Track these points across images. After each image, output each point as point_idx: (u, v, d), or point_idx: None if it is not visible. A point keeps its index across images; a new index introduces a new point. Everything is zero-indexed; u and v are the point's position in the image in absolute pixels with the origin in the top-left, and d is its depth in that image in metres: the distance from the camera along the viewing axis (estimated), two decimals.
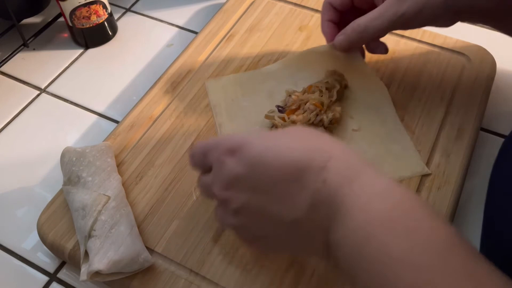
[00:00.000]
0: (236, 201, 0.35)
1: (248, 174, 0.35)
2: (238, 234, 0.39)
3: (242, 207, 0.36)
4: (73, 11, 0.63)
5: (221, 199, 0.37)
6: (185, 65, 0.60)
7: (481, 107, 0.54)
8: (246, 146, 0.35)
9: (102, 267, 0.40)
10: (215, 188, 0.37)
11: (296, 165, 0.33)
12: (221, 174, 0.36)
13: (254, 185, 0.35)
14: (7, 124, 0.60)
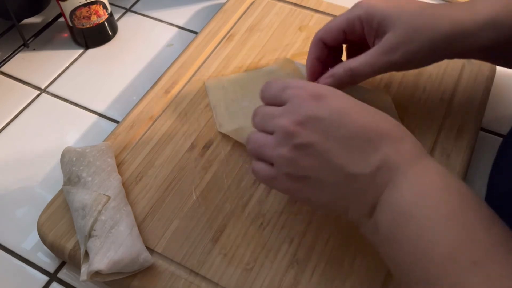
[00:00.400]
0: (305, 137, 0.36)
1: (328, 118, 0.36)
2: (281, 170, 0.38)
3: (307, 144, 0.36)
4: (73, 11, 0.63)
5: (286, 130, 0.37)
6: (185, 65, 0.60)
7: (481, 107, 0.54)
8: (333, 96, 0.38)
9: (102, 267, 0.40)
10: (284, 120, 0.37)
11: (377, 129, 0.36)
12: (298, 110, 0.37)
13: (329, 130, 0.36)
14: (7, 124, 0.60)
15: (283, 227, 0.46)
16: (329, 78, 0.46)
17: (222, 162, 0.51)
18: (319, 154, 0.36)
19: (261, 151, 0.40)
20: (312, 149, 0.36)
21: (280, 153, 0.38)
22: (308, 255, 0.44)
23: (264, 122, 0.40)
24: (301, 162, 0.37)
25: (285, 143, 0.37)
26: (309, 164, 0.37)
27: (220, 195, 0.48)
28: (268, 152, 0.39)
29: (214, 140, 0.53)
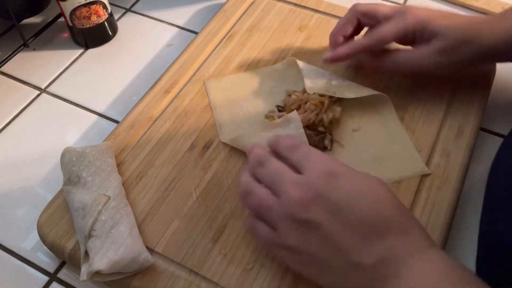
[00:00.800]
0: (313, 215, 0.36)
1: (339, 201, 0.36)
2: (285, 241, 0.37)
3: (315, 223, 0.35)
4: (73, 11, 0.63)
5: (296, 203, 0.36)
6: (185, 65, 0.60)
7: (481, 107, 0.54)
8: (348, 177, 0.37)
9: (102, 267, 0.40)
10: (296, 191, 0.36)
11: (385, 219, 0.35)
12: (312, 185, 0.36)
13: (338, 214, 0.35)
14: (7, 124, 0.60)
15: None
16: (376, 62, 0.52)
17: (222, 162, 0.51)
18: (325, 235, 0.35)
19: (264, 212, 0.39)
20: (318, 229, 0.36)
21: (286, 224, 0.37)
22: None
23: (273, 181, 0.39)
24: (306, 238, 0.36)
25: (293, 215, 0.36)
26: (313, 242, 0.36)
27: (220, 195, 0.48)
28: (273, 217, 0.38)
29: (214, 140, 0.53)
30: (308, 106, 0.51)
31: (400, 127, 0.53)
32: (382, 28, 0.51)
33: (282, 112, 0.52)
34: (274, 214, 0.38)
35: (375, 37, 0.51)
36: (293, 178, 0.38)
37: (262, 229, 0.39)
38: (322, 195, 0.36)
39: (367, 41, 0.51)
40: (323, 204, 0.36)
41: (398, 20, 0.50)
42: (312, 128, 0.51)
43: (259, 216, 0.40)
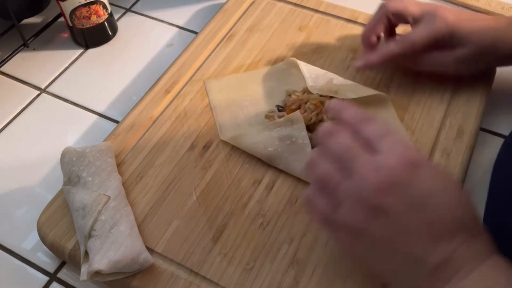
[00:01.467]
0: (387, 203, 0.34)
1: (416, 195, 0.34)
2: (347, 221, 0.35)
3: (387, 211, 0.34)
4: (73, 11, 0.63)
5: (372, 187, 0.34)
6: (185, 65, 0.60)
7: (481, 107, 0.54)
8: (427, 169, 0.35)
9: (102, 267, 0.40)
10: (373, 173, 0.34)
11: (457, 219, 0.35)
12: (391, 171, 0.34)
13: (413, 207, 0.34)
14: (7, 124, 0.60)
15: (283, 227, 0.46)
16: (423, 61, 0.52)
17: (222, 162, 0.51)
18: (393, 225, 0.34)
19: (330, 187, 0.36)
20: (388, 217, 0.34)
21: (353, 205, 0.35)
22: (308, 255, 0.44)
23: (343, 156, 0.36)
24: (372, 223, 0.34)
25: (364, 198, 0.34)
26: (378, 229, 0.34)
27: (220, 195, 0.48)
28: (340, 194, 0.35)
29: (214, 140, 0.53)
30: (308, 106, 0.51)
31: (400, 127, 0.53)
32: (413, 34, 0.51)
33: (282, 112, 0.52)
34: (342, 191, 0.35)
35: (406, 44, 0.51)
36: (369, 159, 0.35)
37: (322, 202, 0.37)
38: (401, 185, 0.34)
39: (398, 48, 0.52)
40: (399, 195, 0.34)
41: (428, 26, 0.50)
42: (312, 128, 0.51)
43: (322, 190, 0.37)
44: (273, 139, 0.49)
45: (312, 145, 0.49)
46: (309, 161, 0.38)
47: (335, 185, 0.36)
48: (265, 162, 0.50)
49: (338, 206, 0.35)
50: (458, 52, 0.51)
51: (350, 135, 0.37)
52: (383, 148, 0.35)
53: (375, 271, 0.37)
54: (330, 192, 0.36)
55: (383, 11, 0.53)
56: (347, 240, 0.36)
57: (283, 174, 0.50)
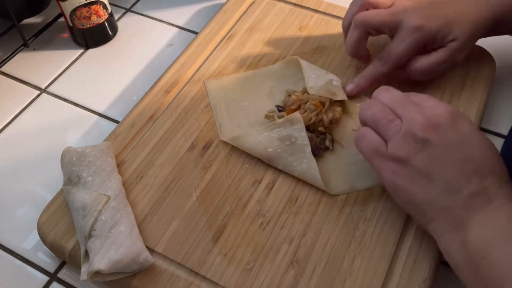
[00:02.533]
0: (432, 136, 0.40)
1: (457, 136, 0.40)
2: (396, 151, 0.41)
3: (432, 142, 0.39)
4: (73, 11, 0.63)
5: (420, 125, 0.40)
6: (185, 65, 0.60)
7: (481, 107, 0.54)
8: (465, 119, 0.41)
9: (102, 267, 0.40)
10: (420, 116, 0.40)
11: (491, 163, 0.40)
12: (436, 116, 0.40)
13: (455, 145, 0.40)
14: (7, 124, 0.60)
15: (283, 227, 0.46)
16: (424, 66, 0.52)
17: (222, 162, 0.51)
18: (436, 158, 0.39)
19: (382, 124, 0.42)
20: (432, 148, 0.39)
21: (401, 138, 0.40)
22: (308, 255, 0.44)
23: (394, 104, 0.42)
24: (417, 153, 0.40)
25: (413, 132, 0.40)
26: (423, 158, 0.40)
27: (220, 195, 0.48)
28: (390, 130, 0.41)
29: (214, 140, 0.53)
30: (308, 106, 0.51)
31: None
32: (395, 49, 0.52)
33: (282, 112, 0.52)
34: (393, 127, 0.41)
35: (392, 62, 0.52)
36: (417, 107, 0.41)
37: (373, 136, 0.43)
38: (444, 126, 0.40)
39: (386, 68, 0.53)
40: (442, 133, 0.40)
41: (406, 37, 0.51)
42: (312, 128, 0.51)
43: (375, 128, 0.43)
44: (273, 139, 0.50)
45: (311, 146, 0.49)
46: (363, 106, 0.44)
47: (388, 122, 0.42)
48: (265, 162, 0.50)
49: (388, 140, 0.41)
50: (452, 45, 0.51)
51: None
52: (429, 104, 0.42)
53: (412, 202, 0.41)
54: (382, 128, 0.42)
55: (362, 28, 0.53)
56: (391, 170, 0.41)
57: (283, 174, 0.50)
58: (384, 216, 0.46)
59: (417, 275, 0.42)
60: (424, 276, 0.42)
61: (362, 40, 0.54)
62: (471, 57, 0.58)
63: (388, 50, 0.52)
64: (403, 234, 0.45)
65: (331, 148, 0.51)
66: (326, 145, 0.51)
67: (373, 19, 0.52)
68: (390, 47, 0.52)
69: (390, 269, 0.43)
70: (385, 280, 0.42)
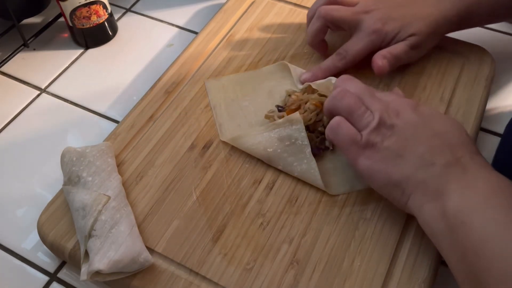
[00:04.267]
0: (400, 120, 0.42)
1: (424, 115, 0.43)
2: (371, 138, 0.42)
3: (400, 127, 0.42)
4: (73, 11, 0.63)
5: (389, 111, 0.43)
6: (185, 65, 0.60)
7: (481, 107, 0.54)
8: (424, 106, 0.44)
9: (102, 267, 0.40)
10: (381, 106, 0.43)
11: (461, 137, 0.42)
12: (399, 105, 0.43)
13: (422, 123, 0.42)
14: (7, 124, 0.60)
15: (283, 227, 0.46)
16: (384, 59, 0.53)
17: (222, 162, 0.51)
18: (407, 137, 0.42)
19: (355, 114, 0.44)
20: (403, 131, 0.42)
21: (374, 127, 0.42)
22: (308, 255, 0.44)
23: (362, 95, 0.44)
24: (390, 137, 0.42)
25: (383, 120, 0.42)
26: (395, 141, 0.42)
27: (220, 195, 0.48)
28: (363, 120, 0.43)
29: (214, 140, 0.53)
30: (308, 106, 0.51)
31: None
32: (352, 47, 0.54)
33: (282, 112, 0.52)
34: (366, 118, 0.43)
35: (348, 59, 0.55)
36: (381, 100, 0.44)
37: (347, 126, 0.44)
38: (409, 111, 0.43)
39: (341, 64, 0.55)
40: (409, 117, 0.42)
41: (364, 38, 0.54)
42: (312, 128, 0.51)
43: (348, 117, 0.44)
44: (273, 140, 0.50)
45: (311, 146, 0.49)
46: (336, 93, 0.45)
47: (362, 113, 0.43)
48: (265, 162, 0.50)
49: (361, 129, 0.43)
50: (411, 39, 0.53)
51: None
52: (391, 98, 0.45)
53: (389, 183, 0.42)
54: (357, 119, 0.44)
55: (322, 21, 0.55)
56: (366, 156, 0.43)
57: (283, 174, 0.50)
58: (384, 216, 0.46)
59: (417, 275, 0.42)
60: (424, 276, 0.42)
61: (321, 32, 0.56)
62: (471, 57, 0.58)
63: (346, 47, 0.55)
64: (403, 234, 0.45)
65: (331, 148, 0.51)
66: (326, 145, 0.51)
67: (335, 14, 0.55)
68: (348, 44, 0.55)
69: (390, 269, 0.43)
70: (385, 280, 0.42)
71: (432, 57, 0.59)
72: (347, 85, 0.46)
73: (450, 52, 0.59)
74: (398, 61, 0.54)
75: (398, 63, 0.55)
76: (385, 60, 0.53)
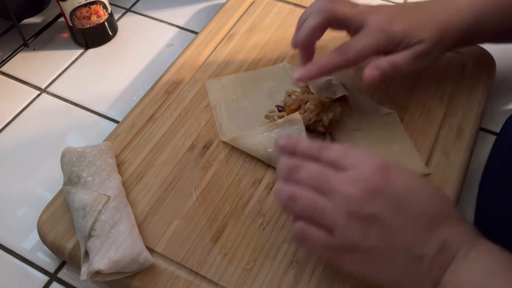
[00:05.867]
0: (375, 209, 0.35)
1: (397, 194, 0.36)
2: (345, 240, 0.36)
3: (378, 217, 0.35)
4: (73, 11, 0.63)
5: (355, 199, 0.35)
6: (185, 65, 0.60)
7: (481, 107, 0.54)
8: (398, 171, 0.37)
9: (102, 267, 0.40)
10: (351, 187, 0.36)
11: (438, 210, 0.37)
12: (367, 180, 0.36)
13: (398, 206, 0.36)
14: (7, 124, 0.60)
15: (283, 227, 0.46)
16: (376, 70, 0.47)
17: (222, 162, 0.51)
18: (387, 228, 0.35)
19: (318, 215, 0.37)
20: (380, 223, 0.35)
21: (346, 223, 0.36)
22: (308, 255, 0.44)
23: (318, 183, 0.37)
24: (368, 234, 0.35)
25: (354, 212, 0.35)
26: (376, 237, 0.35)
27: (220, 195, 0.48)
28: (329, 218, 0.36)
29: (214, 140, 0.53)
30: (308, 106, 0.51)
31: (400, 127, 0.53)
32: (356, 43, 0.48)
33: (282, 112, 0.52)
34: (331, 215, 0.36)
35: (350, 56, 0.48)
36: (343, 176, 0.37)
37: (317, 234, 0.37)
38: (382, 189, 0.36)
39: (341, 60, 0.48)
40: (383, 198, 0.36)
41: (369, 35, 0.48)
42: (312, 128, 0.51)
43: (310, 221, 0.38)
44: (273, 140, 0.50)
45: None
46: (286, 198, 0.38)
47: (323, 211, 0.37)
48: (265, 162, 0.50)
49: (332, 229, 0.36)
50: (417, 47, 0.48)
51: (315, 163, 0.38)
52: (350, 163, 0.37)
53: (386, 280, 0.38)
54: (321, 220, 0.37)
55: (325, 18, 0.49)
56: (351, 258, 0.37)
57: None
58: None
59: None
60: None
61: (320, 29, 0.50)
62: (471, 57, 0.58)
63: (348, 43, 0.48)
64: None
65: None
66: None
67: (340, 9, 0.49)
68: (351, 41, 0.48)
69: None
70: None
71: None
72: (296, 176, 0.38)
73: (450, 52, 0.59)
74: (397, 72, 0.48)
75: (396, 73, 0.48)
76: (377, 71, 0.47)
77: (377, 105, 0.54)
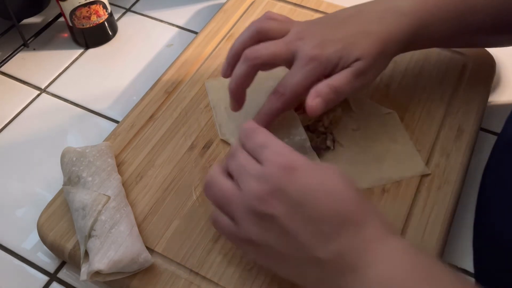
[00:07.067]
0: (270, 208, 0.36)
1: (294, 195, 0.36)
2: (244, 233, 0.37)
3: (272, 216, 0.35)
4: (73, 11, 0.63)
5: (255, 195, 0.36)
6: (185, 65, 0.60)
7: (481, 107, 0.54)
8: (305, 171, 0.36)
9: (102, 267, 0.40)
10: (255, 184, 0.36)
11: (340, 213, 0.35)
12: (270, 178, 0.36)
13: (295, 208, 0.35)
14: (7, 124, 0.60)
15: None
16: (317, 98, 0.44)
17: (222, 162, 0.51)
18: (282, 228, 0.35)
19: (224, 205, 0.39)
20: (275, 222, 0.36)
21: (245, 217, 0.37)
22: None
23: (238, 173, 0.39)
24: (264, 231, 0.36)
25: (251, 208, 0.36)
26: (271, 235, 0.36)
27: None
28: (233, 210, 0.38)
29: (214, 140, 0.53)
30: None
31: (400, 127, 0.53)
32: (290, 81, 0.45)
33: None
34: (234, 207, 0.38)
35: (288, 96, 0.46)
36: (253, 170, 0.37)
37: (224, 222, 0.39)
38: (280, 188, 0.36)
39: (281, 103, 0.46)
40: (280, 198, 0.36)
41: (302, 67, 0.45)
42: (312, 128, 0.51)
43: (221, 209, 0.40)
44: None
45: (312, 146, 0.49)
46: (205, 183, 0.40)
47: (229, 202, 0.38)
48: None
49: (236, 221, 0.38)
50: (357, 65, 0.45)
51: (246, 154, 0.39)
52: (264, 157, 0.38)
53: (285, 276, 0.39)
54: (227, 209, 0.39)
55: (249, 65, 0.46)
56: (252, 250, 0.39)
57: None
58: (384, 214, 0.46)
59: None
60: None
61: (249, 77, 0.48)
62: (471, 57, 0.58)
63: (283, 82, 0.46)
64: (402, 234, 0.45)
65: (333, 148, 0.51)
66: (327, 145, 0.51)
67: (264, 52, 0.46)
68: (284, 79, 0.46)
69: None
70: None
71: (432, 57, 0.59)
72: (227, 162, 0.40)
73: (450, 52, 0.59)
74: (339, 95, 0.45)
75: (340, 97, 0.45)
76: (319, 99, 0.44)
77: (377, 105, 0.54)
